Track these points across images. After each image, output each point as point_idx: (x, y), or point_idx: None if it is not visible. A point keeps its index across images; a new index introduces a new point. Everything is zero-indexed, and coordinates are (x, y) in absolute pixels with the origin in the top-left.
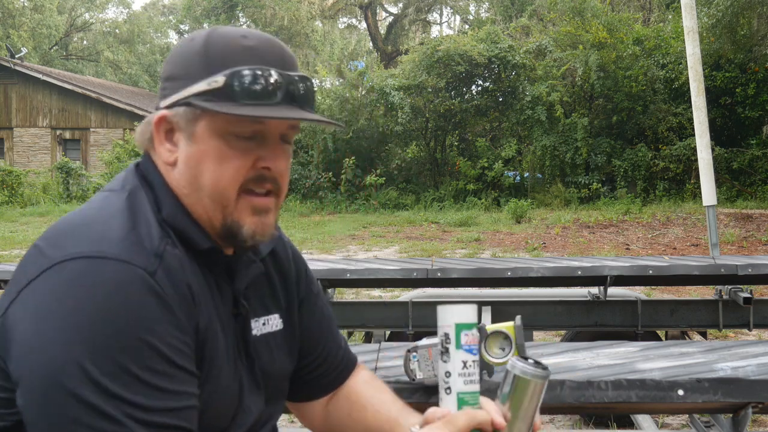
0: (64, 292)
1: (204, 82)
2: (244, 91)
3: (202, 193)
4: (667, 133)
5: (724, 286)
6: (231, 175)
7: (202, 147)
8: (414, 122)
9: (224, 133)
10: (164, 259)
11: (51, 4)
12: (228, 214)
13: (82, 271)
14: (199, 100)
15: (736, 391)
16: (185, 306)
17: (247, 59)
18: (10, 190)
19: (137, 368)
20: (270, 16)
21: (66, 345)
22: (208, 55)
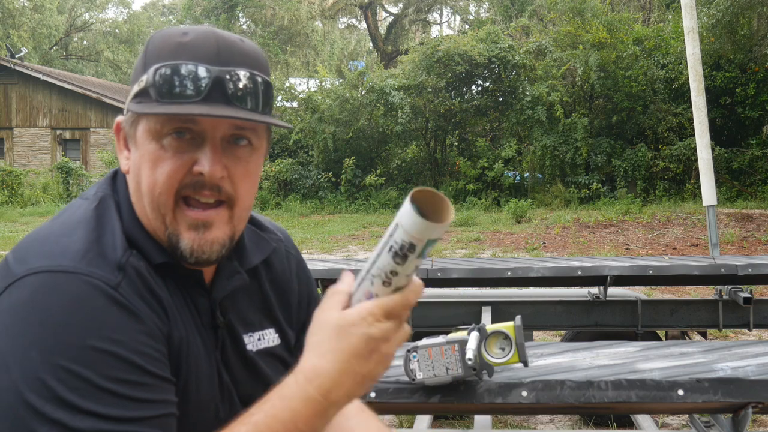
0: (22, 308)
1: (136, 83)
2: (162, 88)
3: (144, 201)
4: (667, 133)
5: (724, 286)
6: (164, 180)
7: (141, 151)
8: (414, 122)
9: (157, 135)
10: (127, 271)
11: (51, 4)
12: (168, 225)
13: (41, 286)
14: (132, 102)
15: (736, 391)
16: (154, 315)
17: (176, 55)
18: (10, 190)
19: (104, 380)
20: (270, 16)
21: (27, 363)
22: (146, 56)
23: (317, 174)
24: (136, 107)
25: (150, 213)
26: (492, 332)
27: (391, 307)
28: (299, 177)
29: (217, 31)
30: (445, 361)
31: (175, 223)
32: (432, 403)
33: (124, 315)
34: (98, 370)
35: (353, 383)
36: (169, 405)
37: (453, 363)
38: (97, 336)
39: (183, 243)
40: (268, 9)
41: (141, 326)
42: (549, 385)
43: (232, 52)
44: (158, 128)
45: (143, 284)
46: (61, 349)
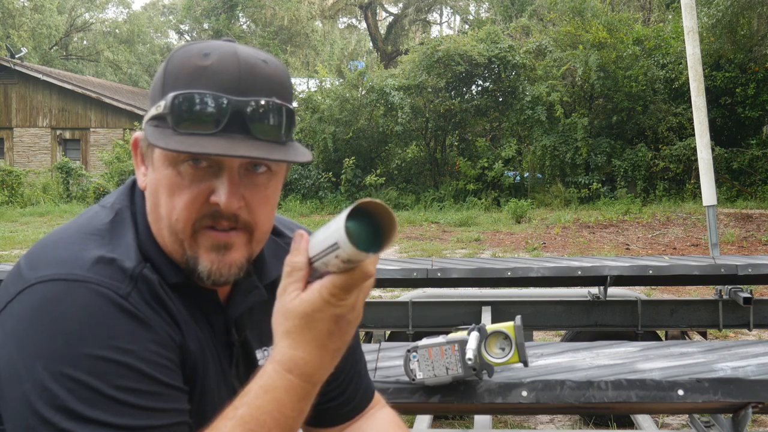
0: (32, 316)
1: (154, 106)
2: (179, 117)
3: (162, 224)
4: (667, 133)
5: (724, 286)
6: (181, 210)
7: (158, 175)
8: (414, 122)
9: (174, 162)
10: (139, 283)
11: (51, 4)
12: (186, 248)
13: (51, 294)
14: (149, 125)
15: (736, 391)
16: (165, 325)
17: (195, 81)
18: (10, 190)
19: (112, 389)
20: (270, 16)
21: (36, 372)
22: (165, 75)
23: (317, 174)
24: (152, 135)
25: (167, 237)
26: (492, 332)
27: (350, 283)
28: (299, 177)
29: (240, 53)
30: (445, 361)
31: (195, 246)
32: (432, 403)
33: (134, 324)
34: (107, 379)
35: (332, 358)
36: (181, 413)
37: (453, 363)
38: (106, 345)
39: (202, 265)
40: (268, 9)
41: (151, 335)
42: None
43: (254, 77)
44: (174, 155)
45: (154, 296)
46: (69, 359)
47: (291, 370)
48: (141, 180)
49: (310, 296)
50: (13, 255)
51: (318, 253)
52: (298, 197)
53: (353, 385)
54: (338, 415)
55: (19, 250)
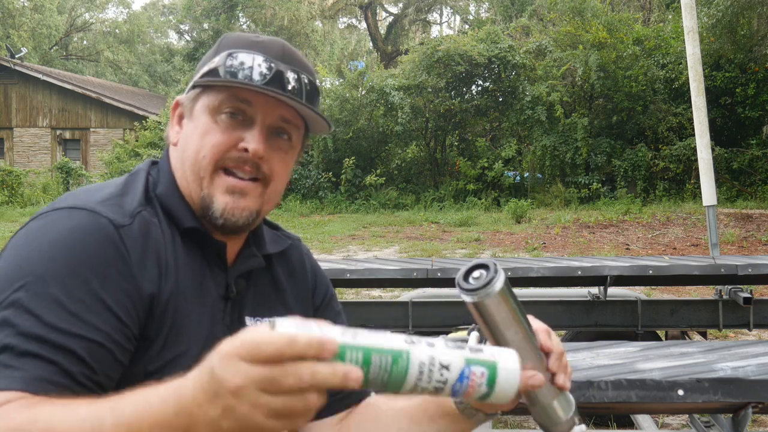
0: (34, 235)
1: (206, 67)
2: (234, 68)
3: (186, 165)
4: (667, 133)
5: (724, 286)
6: (209, 149)
7: (195, 123)
8: (414, 122)
9: (213, 111)
10: (136, 220)
11: (51, 4)
12: (204, 187)
13: (55, 218)
14: (199, 80)
15: (736, 391)
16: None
17: (250, 48)
18: (10, 190)
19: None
20: (270, 16)
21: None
22: (218, 47)
23: (317, 174)
24: (203, 80)
25: (189, 176)
26: None
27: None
28: (299, 177)
29: (285, 42)
30: None
31: (211, 186)
32: None
33: (113, 253)
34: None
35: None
36: (109, 340)
37: None
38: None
39: (216, 204)
40: (268, 9)
41: (124, 268)
42: None
43: (294, 57)
44: (216, 105)
45: (147, 235)
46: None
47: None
48: (174, 137)
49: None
50: None
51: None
52: (298, 197)
53: None
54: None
55: None
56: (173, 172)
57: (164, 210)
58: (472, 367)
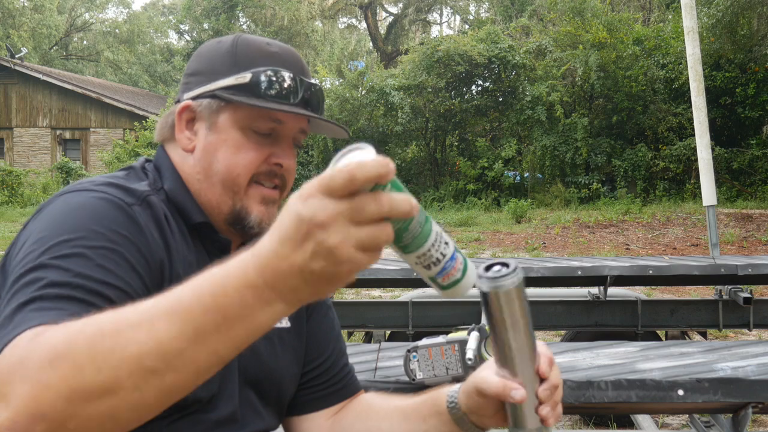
0: (47, 212)
1: (231, 78)
2: (268, 88)
3: (215, 178)
4: (667, 133)
5: (724, 286)
6: (244, 165)
7: (223, 136)
8: (414, 122)
9: (244, 126)
10: (143, 202)
11: (51, 4)
12: (237, 200)
13: (66, 198)
14: (226, 93)
15: (736, 391)
16: (155, 239)
17: (271, 62)
18: (10, 190)
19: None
20: (270, 16)
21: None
22: (235, 55)
23: (317, 174)
24: (238, 98)
25: (220, 189)
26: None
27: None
28: (299, 177)
29: (291, 48)
30: (445, 361)
31: (246, 199)
32: None
33: (130, 221)
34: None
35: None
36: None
37: (453, 363)
38: (101, 224)
39: (253, 215)
40: (268, 9)
41: (141, 237)
42: None
43: (306, 66)
44: (248, 122)
45: (153, 217)
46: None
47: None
48: (186, 142)
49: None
50: None
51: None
52: None
53: (338, 365)
54: (324, 395)
55: None
56: (178, 171)
57: (172, 204)
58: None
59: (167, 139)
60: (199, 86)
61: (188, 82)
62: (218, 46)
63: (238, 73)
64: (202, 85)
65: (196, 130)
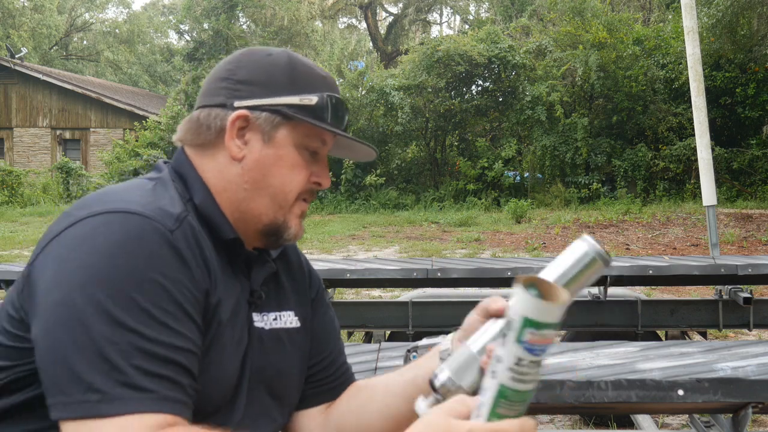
0: (85, 238)
1: (295, 97)
2: (330, 113)
3: (266, 191)
4: (667, 133)
5: (724, 286)
6: (297, 182)
7: (280, 152)
8: (414, 122)
9: (298, 144)
10: (183, 225)
11: (51, 4)
12: (281, 214)
13: (105, 221)
14: (290, 110)
15: (736, 391)
16: (198, 268)
17: (327, 87)
18: (10, 190)
19: (148, 304)
20: (270, 16)
21: (82, 279)
22: (294, 74)
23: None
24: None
25: (267, 202)
26: None
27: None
28: None
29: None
30: None
31: (290, 214)
32: None
33: (176, 258)
34: (145, 294)
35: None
36: (196, 345)
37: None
38: (150, 266)
39: (291, 228)
40: (268, 9)
41: (187, 271)
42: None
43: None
44: (303, 140)
45: (195, 240)
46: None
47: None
48: (235, 150)
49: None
50: (13, 255)
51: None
52: None
53: (337, 362)
54: (321, 391)
55: (19, 250)
56: (205, 182)
57: (202, 218)
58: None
59: (192, 143)
60: (256, 98)
61: (239, 89)
62: (271, 59)
63: (300, 93)
64: (258, 97)
65: (248, 140)
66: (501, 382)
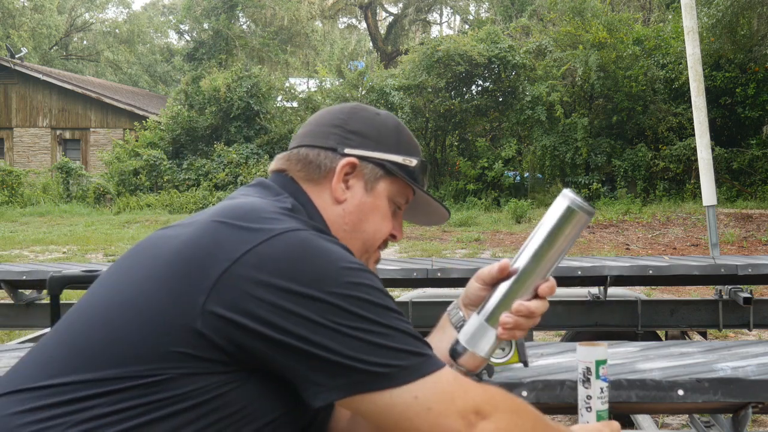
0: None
1: (399, 157)
2: (423, 176)
3: (361, 235)
4: (667, 133)
5: (724, 286)
6: (384, 232)
7: (378, 202)
8: (414, 122)
9: (391, 199)
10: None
11: (51, 4)
12: (365, 258)
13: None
14: (394, 167)
15: (736, 391)
16: None
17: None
18: (10, 190)
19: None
20: (270, 16)
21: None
22: (400, 137)
23: None
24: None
25: (359, 245)
26: None
27: None
28: None
29: None
30: None
31: (368, 259)
32: None
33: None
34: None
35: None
36: None
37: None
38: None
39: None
40: (268, 9)
41: None
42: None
43: None
44: (395, 197)
45: None
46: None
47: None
48: (340, 193)
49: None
50: (13, 255)
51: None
52: None
53: None
54: None
55: (19, 250)
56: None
57: None
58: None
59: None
60: (365, 149)
61: (350, 138)
62: (381, 119)
63: (404, 155)
64: (367, 149)
65: (351, 185)
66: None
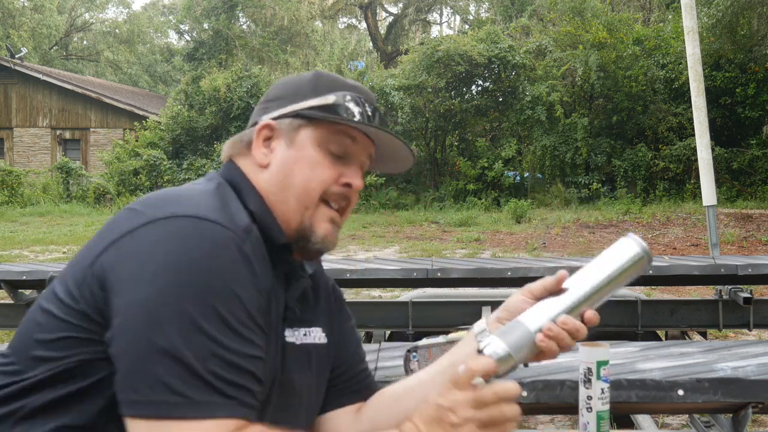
0: (167, 241)
1: (314, 99)
2: (348, 110)
3: (289, 192)
4: (667, 133)
5: (724, 286)
6: (319, 181)
7: (301, 153)
8: (414, 122)
9: (321, 144)
10: (250, 236)
11: (51, 4)
12: (307, 216)
13: (185, 226)
14: (308, 111)
15: (736, 391)
16: (264, 278)
17: (351, 90)
18: (10, 190)
19: (226, 312)
20: (270, 16)
21: (165, 282)
22: (318, 82)
23: None
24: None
25: (293, 203)
26: None
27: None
28: None
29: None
30: None
31: (313, 217)
32: None
33: (248, 268)
34: (225, 304)
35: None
36: (262, 352)
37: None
38: (229, 277)
39: (318, 232)
40: (268, 9)
41: (256, 281)
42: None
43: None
44: (325, 140)
45: (260, 252)
46: (198, 279)
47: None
48: (261, 158)
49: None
50: (13, 255)
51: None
52: None
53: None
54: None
55: (19, 250)
56: (259, 191)
57: (259, 225)
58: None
59: (237, 154)
60: (280, 108)
61: (267, 107)
62: (300, 77)
63: (319, 96)
64: (283, 107)
65: (273, 147)
66: (597, 410)
